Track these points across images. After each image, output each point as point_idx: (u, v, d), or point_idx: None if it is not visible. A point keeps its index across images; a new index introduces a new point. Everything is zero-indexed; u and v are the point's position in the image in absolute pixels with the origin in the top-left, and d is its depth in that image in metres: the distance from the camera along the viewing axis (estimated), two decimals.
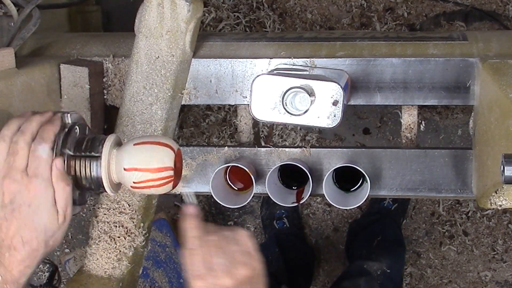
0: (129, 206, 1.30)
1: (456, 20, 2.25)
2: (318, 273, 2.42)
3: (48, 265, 2.54)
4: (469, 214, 2.35)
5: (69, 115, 0.96)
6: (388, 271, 1.98)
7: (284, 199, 1.36)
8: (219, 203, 1.32)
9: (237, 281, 0.95)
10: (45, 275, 2.56)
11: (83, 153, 0.94)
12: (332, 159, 1.34)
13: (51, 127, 0.93)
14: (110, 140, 0.95)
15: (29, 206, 0.89)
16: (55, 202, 0.91)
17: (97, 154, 0.94)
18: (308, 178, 1.29)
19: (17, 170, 0.89)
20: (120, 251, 1.30)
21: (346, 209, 2.36)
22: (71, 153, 0.93)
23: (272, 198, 1.31)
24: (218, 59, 1.33)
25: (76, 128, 0.96)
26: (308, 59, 1.31)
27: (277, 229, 2.32)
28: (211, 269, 0.95)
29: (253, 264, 0.97)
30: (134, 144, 0.95)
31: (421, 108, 1.47)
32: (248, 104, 1.22)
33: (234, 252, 0.97)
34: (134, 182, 0.94)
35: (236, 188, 1.41)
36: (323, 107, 1.16)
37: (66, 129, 0.94)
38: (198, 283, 0.96)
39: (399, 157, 1.33)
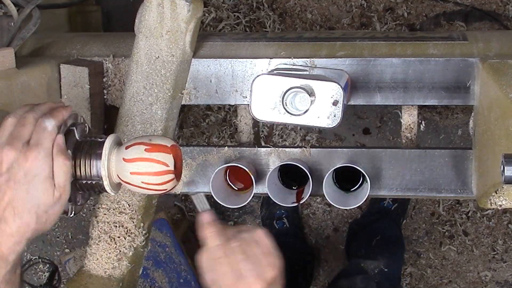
0: (129, 206, 1.30)
1: (456, 20, 2.25)
2: (318, 273, 2.42)
3: (48, 265, 2.55)
4: (469, 214, 2.35)
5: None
6: (386, 270, 1.98)
7: (284, 199, 1.36)
8: (219, 203, 1.32)
9: (268, 283, 0.96)
10: (45, 275, 2.56)
11: (83, 154, 0.94)
12: (332, 159, 1.34)
13: (63, 109, 0.93)
14: (110, 140, 0.96)
15: (25, 175, 0.86)
16: (53, 176, 0.88)
17: (97, 154, 0.94)
18: (308, 178, 1.29)
19: (19, 140, 0.87)
20: (120, 251, 1.30)
21: (346, 209, 2.36)
22: (70, 154, 0.93)
23: (272, 198, 1.31)
24: (218, 59, 1.33)
25: (76, 129, 0.96)
26: (308, 59, 1.31)
27: (277, 229, 2.32)
28: (241, 276, 0.96)
29: (276, 263, 0.99)
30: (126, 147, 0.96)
31: (421, 108, 1.47)
32: (248, 104, 1.22)
33: (258, 254, 0.98)
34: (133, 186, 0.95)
35: (236, 188, 1.41)
36: (323, 107, 1.16)
37: (66, 130, 0.94)
38: None
39: (399, 157, 1.33)
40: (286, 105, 1.16)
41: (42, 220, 0.88)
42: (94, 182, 0.95)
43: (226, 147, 1.36)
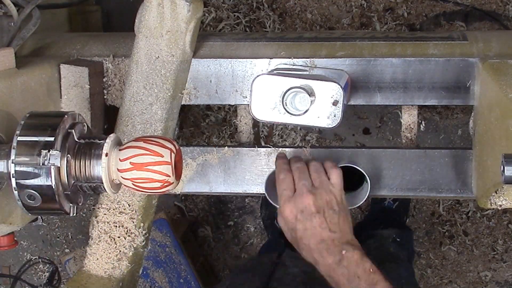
0: (129, 206, 1.30)
1: (456, 20, 2.25)
2: None
3: (48, 265, 2.55)
4: (469, 214, 2.35)
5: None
6: (398, 239, 1.97)
7: None
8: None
9: (317, 201, 1.12)
10: (45, 275, 2.56)
11: (83, 154, 0.94)
12: (332, 159, 1.34)
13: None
14: (110, 140, 0.95)
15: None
16: None
17: (97, 155, 0.94)
18: None
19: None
20: (120, 251, 1.30)
21: None
22: (71, 154, 0.93)
23: (269, 200, 1.31)
24: (218, 59, 1.33)
25: (76, 129, 0.96)
26: (308, 59, 1.31)
27: (277, 229, 2.32)
28: (295, 190, 1.14)
29: (332, 191, 1.15)
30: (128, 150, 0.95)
31: (421, 108, 1.47)
32: (248, 104, 1.22)
33: (315, 178, 1.15)
34: (133, 185, 0.95)
35: None
36: (323, 107, 1.16)
37: (66, 131, 0.94)
38: (286, 206, 1.13)
39: (399, 157, 1.33)
40: (286, 105, 1.16)
41: None
42: (94, 182, 0.95)
43: (226, 147, 1.36)
